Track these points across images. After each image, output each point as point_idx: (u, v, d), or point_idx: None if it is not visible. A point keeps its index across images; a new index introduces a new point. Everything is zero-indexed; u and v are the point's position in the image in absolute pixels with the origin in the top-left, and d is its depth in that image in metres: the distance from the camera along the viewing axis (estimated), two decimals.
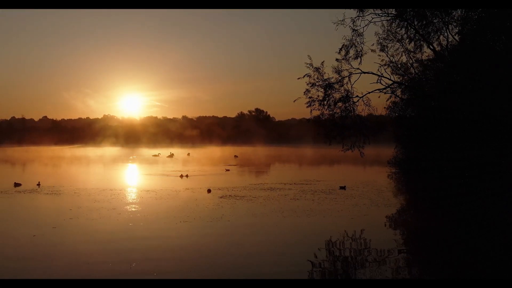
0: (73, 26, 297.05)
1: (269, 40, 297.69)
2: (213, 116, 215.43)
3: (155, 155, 77.92)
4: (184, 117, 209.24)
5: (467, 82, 28.09)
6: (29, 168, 54.07)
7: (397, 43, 29.83)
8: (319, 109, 30.04)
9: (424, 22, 27.51)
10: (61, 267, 12.53)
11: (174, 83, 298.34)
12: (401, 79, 32.19)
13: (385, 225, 19.26)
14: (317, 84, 30.15)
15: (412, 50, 29.54)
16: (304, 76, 30.26)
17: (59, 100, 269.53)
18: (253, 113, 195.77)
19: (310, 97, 30.27)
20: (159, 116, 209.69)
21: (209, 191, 28.83)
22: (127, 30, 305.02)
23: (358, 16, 26.69)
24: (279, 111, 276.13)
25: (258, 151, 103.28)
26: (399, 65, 30.94)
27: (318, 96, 30.28)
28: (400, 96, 32.25)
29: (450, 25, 27.89)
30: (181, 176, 37.54)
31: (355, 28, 27.01)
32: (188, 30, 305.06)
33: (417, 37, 28.21)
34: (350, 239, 16.15)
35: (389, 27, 29.14)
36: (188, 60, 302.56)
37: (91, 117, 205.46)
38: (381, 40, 29.71)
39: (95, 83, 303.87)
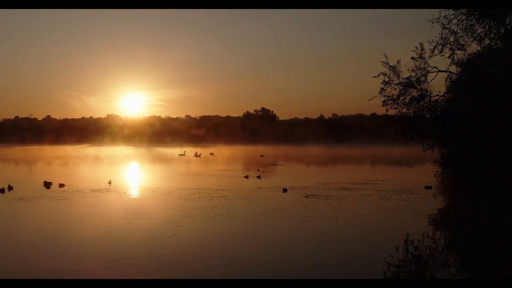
0: (73, 26, 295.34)
1: (273, 39, 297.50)
2: (216, 116, 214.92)
3: (181, 154, 77.22)
4: (188, 116, 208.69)
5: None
6: (63, 168, 53.40)
7: (474, 41, 29.69)
8: (395, 108, 29.96)
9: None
10: (225, 266, 12.18)
11: (175, 83, 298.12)
12: (469, 76, 32.03)
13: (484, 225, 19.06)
14: (392, 82, 30.01)
15: (491, 47, 29.39)
16: (379, 74, 30.16)
17: (61, 100, 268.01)
18: (259, 113, 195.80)
19: (386, 96, 30.16)
20: (162, 115, 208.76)
21: (285, 190, 28.42)
22: (127, 29, 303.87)
23: (454, 15, 26.62)
24: (281, 111, 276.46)
25: (275, 150, 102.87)
26: (474, 63, 30.78)
27: (393, 94, 30.16)
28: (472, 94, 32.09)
29: None
30: (246, 177, 37.03)
31: (447, 26, 26.88)
32: (190, 29, 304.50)
33: (499, 34, 28.04)
34: (459, 239, 15.85)
35: (467, 25, 28.94)
36: (189, 60, 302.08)
37: (95, 116, 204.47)
38: (459, 38, 29.56)
39: (95, 82, 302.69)
